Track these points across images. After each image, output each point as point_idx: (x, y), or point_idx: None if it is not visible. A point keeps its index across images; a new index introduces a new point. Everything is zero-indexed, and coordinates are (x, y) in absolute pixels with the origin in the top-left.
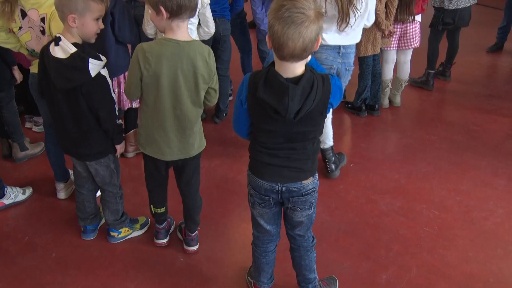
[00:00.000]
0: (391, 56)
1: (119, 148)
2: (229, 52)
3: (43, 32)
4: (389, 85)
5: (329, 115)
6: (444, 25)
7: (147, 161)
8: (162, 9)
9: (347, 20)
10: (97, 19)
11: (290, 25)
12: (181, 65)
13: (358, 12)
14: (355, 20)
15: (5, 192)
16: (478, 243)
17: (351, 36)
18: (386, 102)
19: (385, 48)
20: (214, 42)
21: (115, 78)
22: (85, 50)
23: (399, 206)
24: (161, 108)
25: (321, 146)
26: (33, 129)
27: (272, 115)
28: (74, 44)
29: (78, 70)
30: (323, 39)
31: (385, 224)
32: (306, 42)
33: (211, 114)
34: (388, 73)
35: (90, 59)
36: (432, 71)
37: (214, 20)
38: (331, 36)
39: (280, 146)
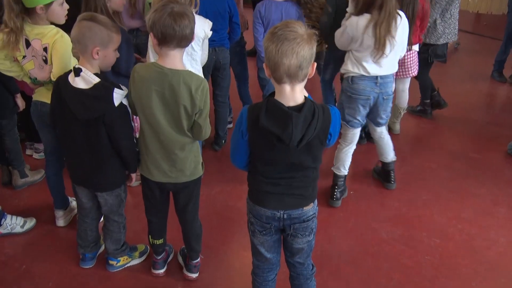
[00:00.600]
0: None
1: (134, 177)
2: (229, 79)
3: (45, 61)
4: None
5: (353, 146)
6: (435, 58)
7: (142, 182)
8: (152, 35)
9: (383, 50)
10: (115, 50)
11: (283, 41)
12: (162, 91)
13: (394, 41)
14: (391, 50)
15: (1, 223)
16: (481, 273)
17: (388, 66)
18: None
19: None
20: (214, 70)
21: None
22: (107, 80)
23: (400, 234)
24: (145, 129)
25: (336, 172)
26: (33, 156)
27: (275, 143)
28: (96, 75)
29: (102, 100)
30: (363, 68)
31: (386, 253)
32: (300, 59)
33: (210, 142)
34: None
35: (115, 88)
36: (427, 101)
37: (214, 49)
38: (370, 66)
39: (281, 175)
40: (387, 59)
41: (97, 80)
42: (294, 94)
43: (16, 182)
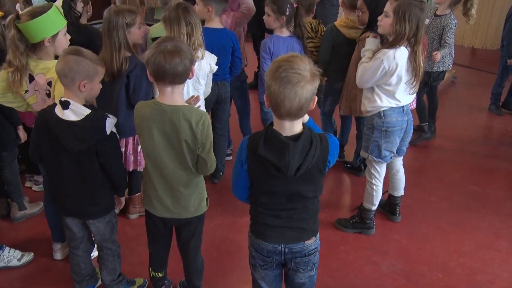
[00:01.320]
0: None
1: (123, 200)
2: (228, 113)
3: (48, 95)
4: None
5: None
6: (434, 82)
7: (146, 215)
8: (148, 72)
9: (419, 81)
10: (99, 82)
11: (287, 84)
12: (162, 128)
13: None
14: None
15: None
16: None
17: (412, 93)
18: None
19: None
20: (215, 104)
21: (124, 138)
22: (96, 109)
23: (401, 268)
24: (148, 165)
25: (372, 208)
26: (33, 188)
27: (273, 172)
28: (85, 106)
29: (96, 130)
30: (395, 101)
31: (387, 287)
32: (302, 101)
33: (208, 174)
34: None
35: (107, 118)
36: (425, 124)
37: (216, 83)
38: (401, 97)
39: (281, 206)
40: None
41: (88, 111)
42: (293, 127)
43: (14, 214)
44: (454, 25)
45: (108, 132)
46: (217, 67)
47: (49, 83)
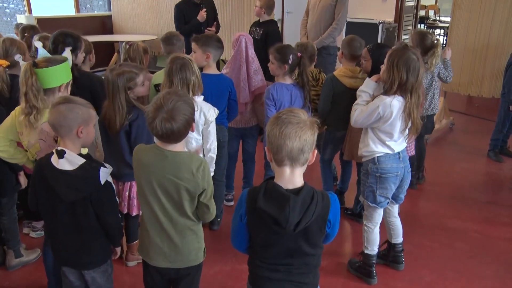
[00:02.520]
0: None
1: (119, 250)
2: (226, 158)
3: (56, 141)
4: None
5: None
6: (426, 131)
7: (143, 266)
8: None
9: (415, 132)
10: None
11: (287, 125)
12: (162, 174)
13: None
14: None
15: None
16: None
17: (406, 141)
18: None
19: None
20: None
21: (128, 182)
22: (92, 160)
23: None
24: (145, 212)
25: (370, 253)
26: (30, 234)
27: (272, 226)
28: (80, 155)
29: (89, 180)
30: (388, 147)
31: None
32: (303, 142)
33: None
34: None
35: (101, 168)
36: (413, 172)
37: None
38: (394, 144)
39: (280, 260)
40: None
41: (82, 160)
42: (294, 178)
43: (10, 262)
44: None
45: (102, 182)
46: (214, 116)
47: None
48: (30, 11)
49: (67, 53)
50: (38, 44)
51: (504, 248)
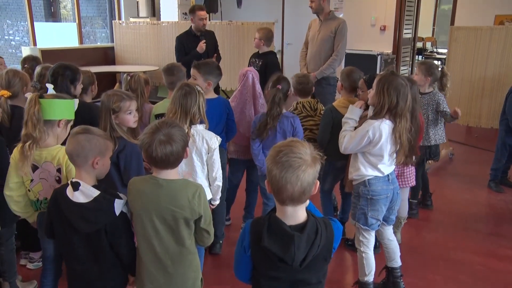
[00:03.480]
0: None
1: (133, 279)
2: (225, 181)
3: (58, 181)
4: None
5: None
6: (430, 157)
7: None
8: (143, 155)
9: (404, 155)
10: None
11: (288, 169)
12: (158, 203)
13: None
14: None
15: None
16: None
17: (393, 163)
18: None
19: None
20: None
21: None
22: (107, 191)
23: None
24: (140, 241)
25: (369, 280)
26: (27, 266)
27: (277, 263)
28: (95, 187)
29: (104, 212)
30: (378, 170)
31: None
32: (304, 185)
33: (207, 247)
34: None
35: (115, 200)
36: (415, 201)
37: None
38: (383, 167)
39: None
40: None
41: (96, 192)
42: (296, 214)
43: None
44: (443, 97)
45: (117, 213)
46: (217, 144)
47: (59, 170)
48: (35, 43)
49: (50, 90)
50: (49, 86)
51: (509, 280)
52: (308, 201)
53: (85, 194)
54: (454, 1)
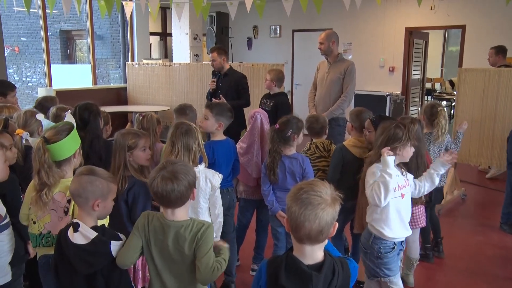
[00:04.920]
0: None
1: None
2: (233, 223)
3: (66, 212)
4: (401, 264)
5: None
6: (435, 201)
7: None
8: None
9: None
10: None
11: (307, 206)
12: (165, 241)
13: None
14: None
15: None
16: None
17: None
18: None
19: None
20: (226, 210)
21: None
22: (105, 232)
23: None
24: (152, 276)
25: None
26: None
27: None
28: (94, 228)
29: (100, 254)
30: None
31: None
32: (323, 224)
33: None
34: None
35: (111, 242)
36: (428, 245)
37: (227, 189)
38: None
39: None
40: None
41: (94, 235)
42: (314, 254)
43: None
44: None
45: (114, 255)
46: (219, 181)
47: (69, 201)
48: (50, 84)
49: (69, 117)
50: (40, 116)
51: None
52: (326, 241)
53: (84, 235)
54: (462, 43)
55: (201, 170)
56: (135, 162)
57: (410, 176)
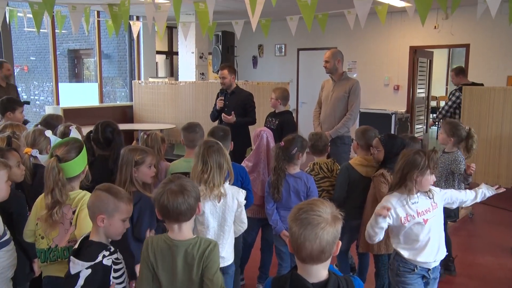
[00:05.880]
0: None
1: None
2: (241, 244)
3: (71, 223)
4: None
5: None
6: (448, 218)
7: None
8: (156, 209)
9: None
10: (124, 220)
11: (307, 226)
12: (172, 262)
13: None
14: None
15: None
16: None
17: None
18: None
19: None
20: None
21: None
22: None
23: None
24: None
25: None
26: None
27: None
28: (91, 243)
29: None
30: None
31: None
32: (323, 244)
33: None
34: None
35: (82, 271)
36: (451, 258)
37: None
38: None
39: None
40: None
41: (86, 265)
42: (318, 273)
43: None
44: (463, 159)
45: (81, 282)
46: (243, 197)
47: (74, 212)
48: (58, 103)
49: (74, 133)
50: (48, 133)
51: None
52: (330, 260)
53: (74, 268)
54: (466, 61)
55: (227, 187)
56: (139, 179)
57: (441, 194)
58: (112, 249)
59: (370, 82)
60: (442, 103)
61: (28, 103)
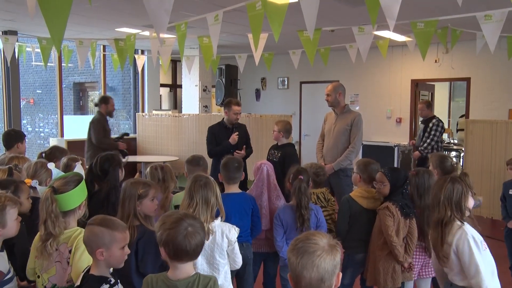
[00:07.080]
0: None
1: None
2: (252, 276)
3: (69, 263)
4: None
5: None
6: None
7: None
8: (162, 249)
9: None
10: (123, 247)
11: (303, 254)
12: None
13: None
14: None
15: None
16: None
17: None
18: None
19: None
20: (241, 266)
21: None
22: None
23: None
24: None
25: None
26: None
27: None
28: (93, 277)
29: None
30: None
31: None
32: (321, 272)
33: None
34: None
35: None
36: None
37: (241, 244)
38: None
39: None
40: None
41: None
42: None
43: None
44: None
45: None
46: (236, 235)
47: (70, 251)
48: (62, 135)
49: (78, 168)
50: (51, 165)
51: None
52: None
53: None
54: (467, 94)
55: (217, 224)
56: (142, 212)
57: None
58: (113, 281)
59: (373, 115)
60: (445, 136)
61: (127, 134)
